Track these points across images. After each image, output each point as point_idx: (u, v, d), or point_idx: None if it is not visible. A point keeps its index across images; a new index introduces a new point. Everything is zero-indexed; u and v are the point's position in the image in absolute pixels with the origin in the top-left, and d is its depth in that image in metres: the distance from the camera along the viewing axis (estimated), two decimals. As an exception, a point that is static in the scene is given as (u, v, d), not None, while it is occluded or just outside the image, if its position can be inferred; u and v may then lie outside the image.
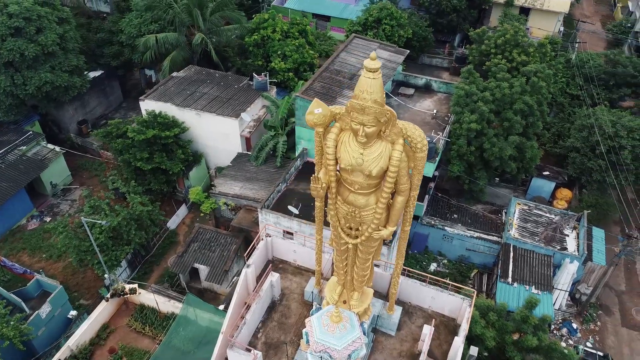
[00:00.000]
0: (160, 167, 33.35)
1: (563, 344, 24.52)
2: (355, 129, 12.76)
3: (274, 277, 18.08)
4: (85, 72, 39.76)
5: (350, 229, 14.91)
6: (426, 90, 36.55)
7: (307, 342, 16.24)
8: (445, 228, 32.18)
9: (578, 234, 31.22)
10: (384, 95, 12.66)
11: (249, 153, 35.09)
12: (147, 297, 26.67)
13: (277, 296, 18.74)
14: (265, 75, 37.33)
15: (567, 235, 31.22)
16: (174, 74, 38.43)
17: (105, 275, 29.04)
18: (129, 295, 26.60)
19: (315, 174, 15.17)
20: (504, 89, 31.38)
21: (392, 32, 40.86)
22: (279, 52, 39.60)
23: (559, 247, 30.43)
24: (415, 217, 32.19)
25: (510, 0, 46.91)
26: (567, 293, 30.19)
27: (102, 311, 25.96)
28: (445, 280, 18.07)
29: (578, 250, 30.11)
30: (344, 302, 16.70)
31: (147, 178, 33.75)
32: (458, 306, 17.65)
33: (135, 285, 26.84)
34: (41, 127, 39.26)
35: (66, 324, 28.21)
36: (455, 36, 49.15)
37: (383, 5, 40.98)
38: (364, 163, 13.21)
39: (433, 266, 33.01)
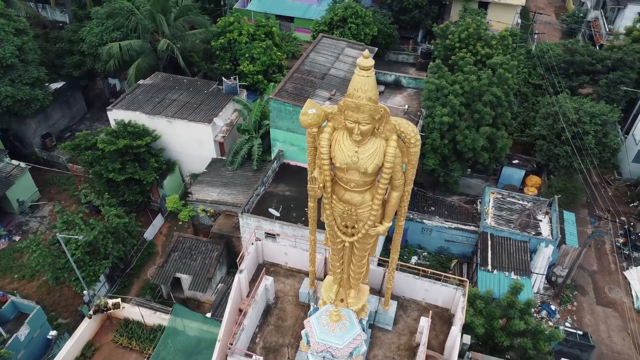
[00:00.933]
0: (134, 177, 32.64)
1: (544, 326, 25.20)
2: (350, 127, 12.86)
3: (267, 280, 18.00)
4: (47, 84, 38.51)
5: (346, 227, 15.00)
6: (396, 86, 37.02)
7: (308, 343, 16.26)
8: (424, 221, 32.69)
9: (550, 218, 32.25)
10: (377, 92, 12.80)
11: (223, 158, 34.75)
12: (131, 311, 26.06)
13: (272, 300, 18.66)
14: (235, 79, 37.03)
15: (541, 221, 32.22)
16: (141, 81, 37.67)
17: (84, 292, 28.23)
18: (112, 310, 25.91)
19: (309, 175, 15.26)
20: (473, 82, 32.14)
21: (358, 31, 41.22)
22: (246, 55, 39.37)
23: (533, 233, 31.36)
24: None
25: (469, -5, 48.05)
26: (544, 276, 31.16)
27: (86, 329, 25.23)
28: (438, 272, 18.39)
29: (552, 235, 31.09)
30: (341, 300, 16.77)
31: (121, 189, 32.98)
32: (451, 296, 18.00)
33: (119, 300, 26.19)
34: (3, 142, 37.77)
35: (46, 345, 27.28)
36: (418, 32, 49.98)
37: (347, 4, 41.29)
38: (359, 161, 13.32)
39: (414, 259, 33.48)
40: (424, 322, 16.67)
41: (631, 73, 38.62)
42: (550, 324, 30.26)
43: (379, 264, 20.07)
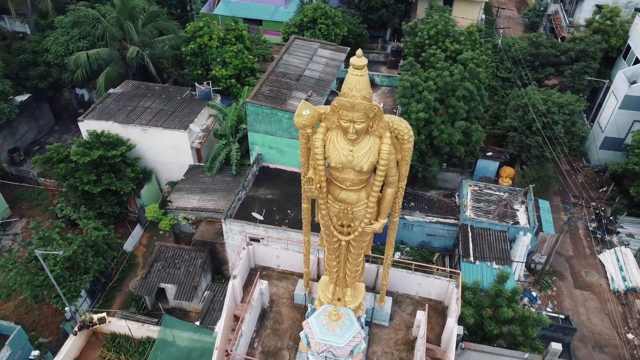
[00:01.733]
0: (110, 188, 31.95)
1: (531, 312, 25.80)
2: (345, 126, 12.94)
3: (262, 284, 17.92)
4: (11, 97, 37.33)
5: (342, 226, 15.08)
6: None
7: (308, 344, 16.26)
8: (405, 217, 33.07)
9: (527, 207, 33.13)
10: (371, 91, 12.93)
11: (201, 164, 34.38)
12: (117, 325, 25.50)
13: (267, 303, 18.59)
14: (208, 84, 36.69)
15: (517, 210, 33.06)
16: (111, 90, 36.90)
17: (66, 308, 27.48)
18: (98, 325, 25.29)
19: (302, 176, 15.27)
20: (446, 77, 32.73)
21: (328, 31, 41.40)
22: (218, 60, 39.04)
23: (512, 222, 32.16)
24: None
25: (434, -8, 48.82)
26: (524, 264, 31.98)
27: (71, 346, 24.55)
28: (431, 265, 18.66)
29: (529, 223, 31.94)
30: (338, 299, 16.86)
31: (97, 201, 32.22)
32: (444, 288, 18.30)
33: (104, 314, 25.58)
34: (-32, 160, 36.49)
35: (29, 365, 26.41)
36: (386, 31, 50.55)
37: (317, 5, 41.42)
38: (354, 160, 13.41)
39: (397, 255, 33.83)
40: (421, 316, 16.90)
41: (594, 63, 40.05)
42: (532, 310, 31.03)
43: (370, 261, 20.18)
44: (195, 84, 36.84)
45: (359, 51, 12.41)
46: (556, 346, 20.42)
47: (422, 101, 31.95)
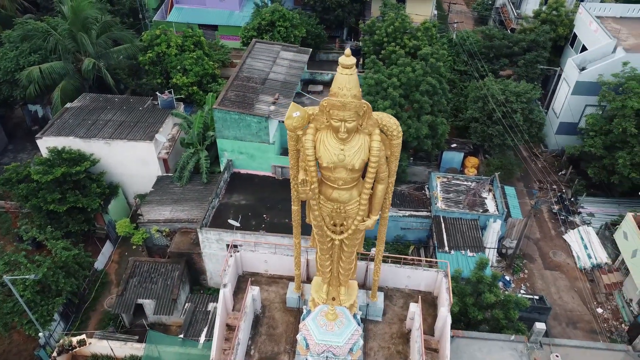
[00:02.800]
0: (76, 206, 30.83)
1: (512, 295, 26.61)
2: (337, 126, 13.03)
3: (254, 290, 17.78)
4: (-41, 118, 35.52)
5: (335, 225, 15.18)
6: (334, 85, 37.53)
7: (307, 346, 16.26)
8: (379, 212, 33.37)
9: (494, 195, 34.16)
10: (360, 89, 13.06)
11: (170, 175, 33.69)
12: (98, 346, 24.69)
13: (259, 309, 18.44)
14: (170, 93, 35.98)
15: (486, 198, 34.05)
16: (68, 105, 35.61)
17: (40, 334, 26.38)
18: (78, 348, 24.38)
19: (292, 178, 15.28)
20: (409, 73, 33.35)
21: (287, 34, 41.36)
22: (178, 67, 38.36)
23: (481, 210, 33.10)
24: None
25: (388, -9, 49.60)
26: (496, 250, 32.97)
27: (51, 372, 23.58)
28: (418, 258, 18.99)
29: (498, 210, 32.96)
30: (333, 299, 16.94)
31: (63, 220, 31.04)
32: (433, 279, 18.68)
33: (84, 336, 24.70)
34: None
35: (5, 397, 25.22)
36: (343, 30, 51.00)
37: (274, 7, 41.32)
38: (345, 158, 13.53)
39: (373, 250, 34.10)
40: (414, 308, 17.18)
41: (544, 52, 41.74)
42: (507, 293, 32.05)
43: (358, 258, 20.35)
44: (157, 93, 36.07)
45: (347, 50, 12.56)
46: (540, 326, 21.18)
47: (387, 98, 32.44)
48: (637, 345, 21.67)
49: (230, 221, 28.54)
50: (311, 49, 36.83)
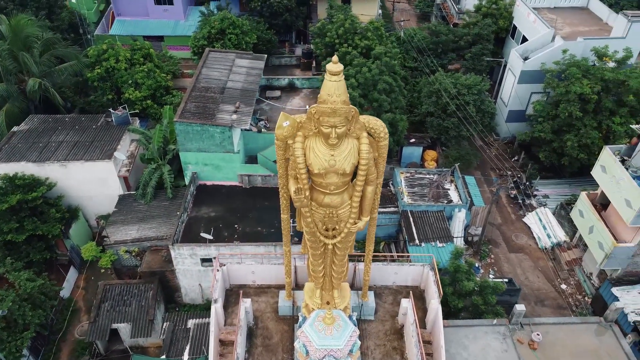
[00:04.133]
0: (36, 233, 29.44)
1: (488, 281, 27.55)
2: (327, 132, 13.16)
3: (246, 303, 17.63)
4: None
5: (327, 230, 15.30)
6: (291, 89, 37.71)
7: (306, 352, 16.30)
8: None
9: (456, 185, 35.27)
10: (348, 94, 13.25)
11: (132, 193, 32.72)
12: (77, 377, 23.64)
13: (252, 321, 18.28)
14: (124, 108, 34.94)
15: (449, 189, 35.10)
16: (15, 128, 33.90)
17: (10, 373, 25.01)
18: (56, 382, 23.29)
19: (280, 187, 15.28)
20: (365, 74, 33.91)
21: (238, 41, 40.99)
22: (129, 82, 37.28)
23: (446, 201, 34.10)
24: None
25: (332, -7, 50.14)
26: (462, 238, 34.04)
27: (30, 411, 22.38)
28: (403, 254, 19.38)
29: (461, 199, 34.04)
30: (327, 303, 17.04)
31: (23, 250, 29.55)
32: (419, 274, 19.13)
33: (61, 369, 23.60)
34: None
35: None
36: (291, 34, 51.07)
37: (223, 15, 40.87)
38: (336, 163, 13.68)
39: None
40: (406, 303, 17.55)
41: (489, 45, 43.45)
42: (477, 279, 33.19)
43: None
44: (110, 109, 34.93)
45: (335, 57, 12.69)
46: (520, 307, 22.15)
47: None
48: (607, 315, 23.03)
49: (203, 234, 28.10)
50: (266, 55, 36.73)
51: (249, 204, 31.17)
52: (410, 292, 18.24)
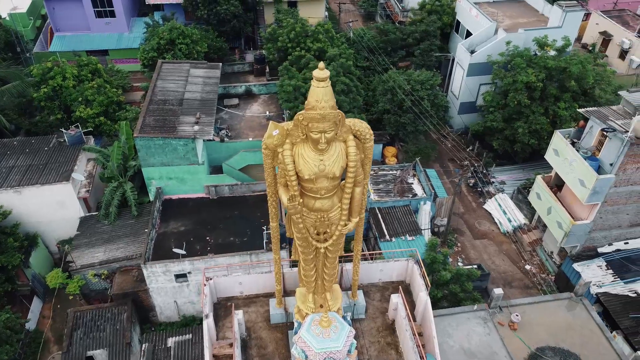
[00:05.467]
0: (-6, 265, 27.91)
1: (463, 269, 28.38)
2: (316, 138, 13.27)
3: (238, 315, 17.46)
4: None
5: (318, 234, 15.41)
6: (248, 96, 37.50)
7: (305, 358, 16.34)
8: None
9: (419, 179, 36.20)
10: (335, 100, 13.41)
11: (94, 214, 31.58)
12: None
13: (245, 332, 18.13)
14: (77, 127, 33.66)
15: (412, 183, 35.98)
16: (-41, 157, 31.94)
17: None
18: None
19: (269, 196, 15.27)
20: (323, 76, 34.13)
21: (189, 50, 40.34)
22: (79, 99, 35.93)
23: (411, 195, 34.94)
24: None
25: (278, -3, 50.20)
26: (429, 230, 34.99)
27: None
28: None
29: (425, 192, 34.99)
30: (321, 306, 17.15)
31: (-19, 284, 27.93)
32: (404, 268, 19.56)
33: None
34: None
35: None
36: (240, 40, 50.73)
37: (172, 25, 40.10)
38: (326, 168, 13.83)
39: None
40: (396, 299, 17.92)
41: (436, 41, 44.79)
42: (458, 267, 34.15)
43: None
44: (62, 129, 33.55)
45: (321, 64, 12.81)
46: (498, 291, 23.04)
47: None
48: (577, 290, 24.36)
49: (176, 250, 27.54)
50: (220, 64, 36.35)
51: (218, 214, 30.78)
52: (400, 287, 18.60)
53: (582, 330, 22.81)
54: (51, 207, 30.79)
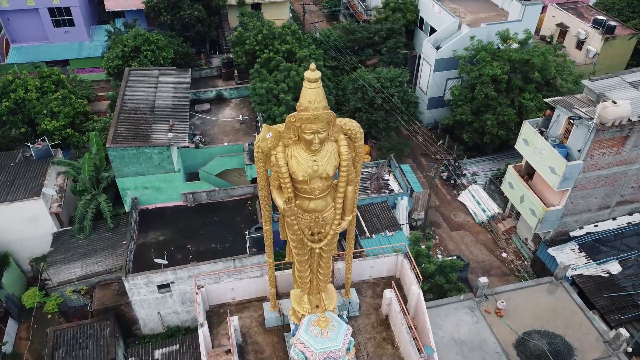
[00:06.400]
0: (-35, 289, 26.77)
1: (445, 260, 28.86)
2: (310, 138, 13.31)
3: (234, 321, 17.31)
4: None
5: (313, 235, 15.44)
6: (220, 100, 37.15)
7: (306, 359, 16.35)
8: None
9: (394, 175, 36.62)
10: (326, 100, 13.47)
11: (68, 229, 30.66)
12: None
13: (240, 338, 17.98)
14: (43, 141, 32.61)
15: (388, 179, 36.37)
16: None
17: None
18: None
19: (262, 199, 15.21)
20: (295, 77, 34.21)
21: (155, 57, 39.67)
22: (44, 112, 34.80)
23: (388, 191, 35.31)
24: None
25: (242, 0, 49.85)
26: (408, 224, 35.46)
27: None
28: (379, 247, 19.95)
29: (402, 187, 35.41)
30: (317, 306, 17.18)
31: (-47, 309, 26.74)
32: (394, 264, 19.79)
33: None
34: None
35: None
36: (206, 45, 50.18)
37: (136, 32, 39.31)
38: (319, 168, 13.88)
39: (298, 254, 34.65)
40: (390, 294, 18.12)
41: (402, 38, 45.41)
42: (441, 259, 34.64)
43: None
44: (28, 144, 32.45)
45: (312, 65, 12.86)
46: (483, 280, 23.57)
47: (282, 104, 32.98)
48: (557, 274, 25.16)
49: (157, 260, 27.06)
50: (190, 69, 35.89)
51: (198, 221, 30.39)
52: (393, 282, 18.82)
53: (565, 312, 23.60)
54: (22, 224, 29.73)
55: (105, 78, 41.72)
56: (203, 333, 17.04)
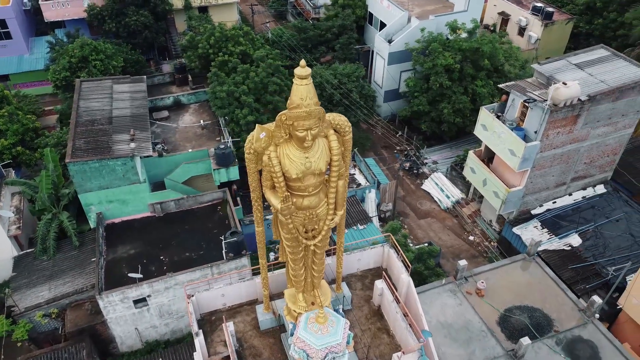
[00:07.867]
0: None
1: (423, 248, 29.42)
2: (302, 135, 13.26)
3: (230, 327, 17.02)
4: None
5: (307, 232, 15.41)
6: (178, 107, 36.33)
7: (307, 357, 16.30)
8: (267, 217, 33.70)
9: (359, 169, 37.04)
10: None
11: (29, 251, 29.16)
12: None
13: (236, 343, 17.70)
14: (-8, 161, 30.90)
15: (354, 174, 36.72)
16: None
17: None
18: None
19: (254, 200, 15.05)
20: (254, 78, 33.94)
21: (104, 66, 38.32)
22: (-10, 131, 32.94)
23: (355, 186, 35.69)
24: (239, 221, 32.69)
25: (188, 4, 48.87)
26: (377, 217, 35.98)
27: None
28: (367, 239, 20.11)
29: (368, 181, 35.90)
30: (312, 304, 17.16)
31: None
32: (380, 254, 20.04)
33: None
34: None
35: None
36: (154, 51, 48.88)
37: (82, 41, 37.78)
38: (312, 165, 13.86)
39: (271, 255, 34.42)
40: (381, 284, 18.34)
41: (354, 34, 45.91)
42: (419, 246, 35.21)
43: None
44: (-24, 165, 30.59)
45: (302, 62, 12.80)
46: (462, 262, 24.22)
47: (244, 106, 32.64)
48: (529, 251, 26.23)
49: (131, 274, 26.17)
50: (145, 76, 34.87)
51: (168, 231, 29.64)
52: (383, 273, 19.05)
53: (540, 286, 24.67)
54: (-22, 250, 28.03)
55: (51, 91, 39.90)
56: (199, 342, 16.67)
